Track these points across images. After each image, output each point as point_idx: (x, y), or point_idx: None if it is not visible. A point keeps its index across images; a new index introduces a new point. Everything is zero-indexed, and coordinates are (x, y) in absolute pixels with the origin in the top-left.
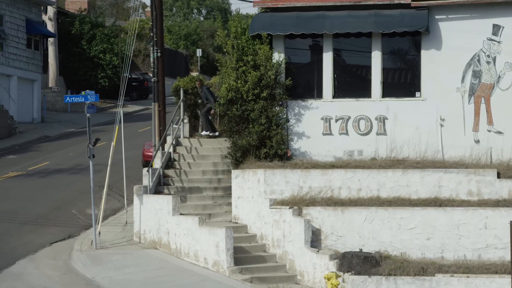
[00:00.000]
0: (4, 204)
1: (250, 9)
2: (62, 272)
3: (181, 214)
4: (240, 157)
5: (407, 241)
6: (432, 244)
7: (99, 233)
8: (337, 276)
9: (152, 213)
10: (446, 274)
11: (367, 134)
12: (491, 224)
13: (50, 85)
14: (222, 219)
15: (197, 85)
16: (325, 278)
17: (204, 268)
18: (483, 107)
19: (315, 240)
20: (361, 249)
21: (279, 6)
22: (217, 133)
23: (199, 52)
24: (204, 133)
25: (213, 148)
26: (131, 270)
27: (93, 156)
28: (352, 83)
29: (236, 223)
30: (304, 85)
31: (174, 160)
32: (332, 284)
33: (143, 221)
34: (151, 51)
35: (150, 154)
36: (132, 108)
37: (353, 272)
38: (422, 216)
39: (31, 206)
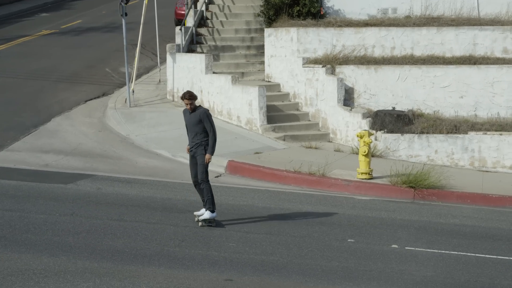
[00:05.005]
0: (38, 62)
1: None
2: (97, 130)
3: (214, 72)
4: (273, 16)
5: (441, 99)
6: (465, 102)
7: (133, 91)
8: (370, 134)
9: (185, 72)
10: (479, 131)
11: None
12: None
13: None
14: (255, 77)
15: (187, 104)
16: (357, 136)
17: (237, 126)
18: None
19: (348, 98)
20: (394, 108)
21: None
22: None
23: None
24: (207, 215)
25: (245, 7)
26: (164, 128)
27: (126, 14)
28: None
29: (269, 81)
30: None
31: (207, 18)
32: (364, 142)
33: (176, 79)
34: None
35: (183, 12)
36: None
37: (385, 130)
38: (456, 74)
39: (65, 64)
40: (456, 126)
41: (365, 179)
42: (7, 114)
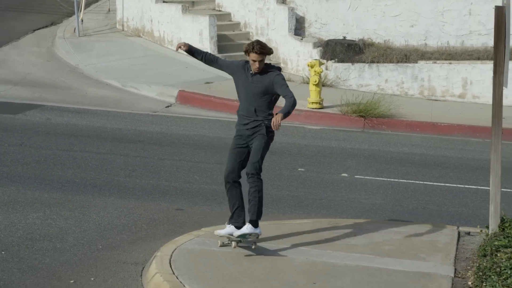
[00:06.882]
0: None
1: None
2: (45, 59)
3: (164, 1)
4: None
5: (391, 28)
6: (416, 31)
7: (82, 21)
8: (321, 64)
9: (135, 1)
10: (428, 60)
11: None
12: (475, 10)
13: None
14: (205, 7)
15: (254, 61)
16: (308, 65)
17: (187, 56)
18: None
19: (298, 28)
20: (344, 37)
21: None
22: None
23: None
24: (247, 229)
25: None
26: (114, 57)
27: None
28: None
29: (219, 11)
30: None
31: None
32: (315, 71)
33: (126, 8)
34: None
35: None
36: None
37: (336, 59)
38: (407, 3)
39: None
40: (406, 55)
41: (315, 108)
42: None
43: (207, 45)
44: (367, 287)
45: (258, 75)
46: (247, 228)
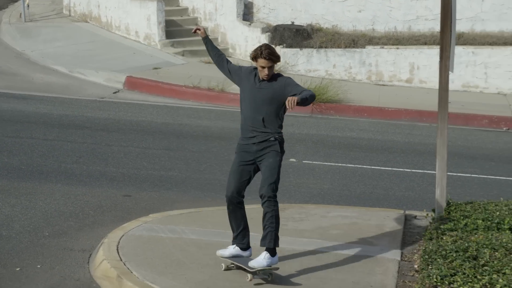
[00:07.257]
0: None
1: None
2: None
3: None
4: None
5: (339, 13)
6: (363, 17)
7: (28, 6)
8: None
9: None
10: (376, 46)
11: None
12: None
13: None
14: None
15: (263, 68)
16: None
17: (135, 41)
18: None
19: (247, 13)
20: (293, 22)
21: None
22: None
23: None
24: (264, 261)
25: None
26: (61, 43)
27: None
28: None
29: None
30: None
31: None
32: None
33: None
34: None
35: None
36: None
37: (284, 45)
38: None
39: None
40: (354, 41)
41: None
42: None
43: (155, 31)
44: (315, 272)
45: (266, 81)
46: (265, 259)
